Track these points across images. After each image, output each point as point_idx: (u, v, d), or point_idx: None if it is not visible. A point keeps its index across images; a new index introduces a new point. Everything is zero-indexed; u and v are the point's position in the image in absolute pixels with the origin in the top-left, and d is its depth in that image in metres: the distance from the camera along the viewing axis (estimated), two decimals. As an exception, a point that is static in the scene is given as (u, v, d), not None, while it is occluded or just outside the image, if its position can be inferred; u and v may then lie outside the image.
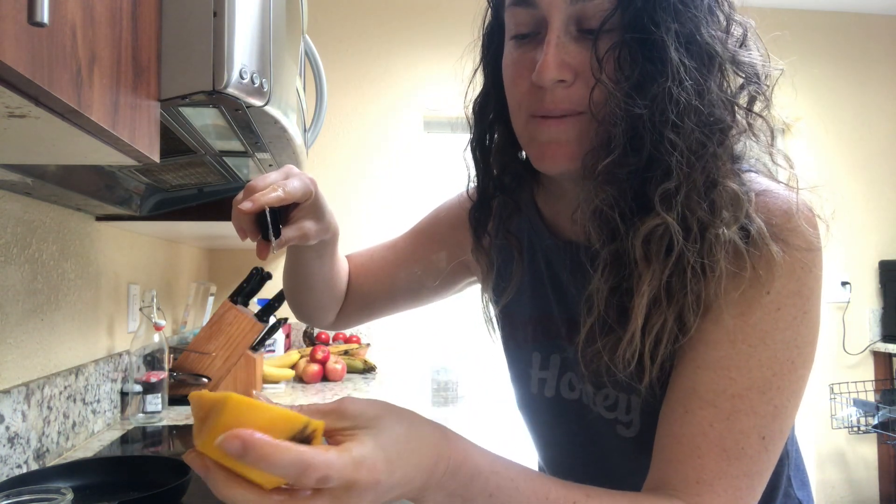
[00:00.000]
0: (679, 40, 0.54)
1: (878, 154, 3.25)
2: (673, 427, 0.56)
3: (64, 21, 0.46)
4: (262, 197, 0.62)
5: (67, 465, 1.03)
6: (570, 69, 0.56)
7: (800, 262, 0.55)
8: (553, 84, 0.56)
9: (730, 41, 0.57)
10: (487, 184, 0.73)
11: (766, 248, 0.54)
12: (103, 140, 0.57)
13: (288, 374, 2.08)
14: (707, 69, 0.55)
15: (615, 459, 0.68)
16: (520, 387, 0.77)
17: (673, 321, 0.55)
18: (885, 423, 2.83)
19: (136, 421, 1.50)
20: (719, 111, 0.55)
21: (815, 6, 3.19)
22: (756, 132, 0.58)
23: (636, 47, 0.54)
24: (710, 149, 0.54)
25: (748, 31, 0.59)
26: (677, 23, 0.54)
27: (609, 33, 0.55)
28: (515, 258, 0.74)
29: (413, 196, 2.90)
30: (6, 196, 1.07)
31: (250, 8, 0.69)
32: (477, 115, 0.72)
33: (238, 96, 0.67)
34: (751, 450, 0.54)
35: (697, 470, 0.54)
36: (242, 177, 1.19)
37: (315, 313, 0.88)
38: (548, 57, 0.56)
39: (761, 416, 0.54)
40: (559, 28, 0.56)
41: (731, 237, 0.53)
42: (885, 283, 3.17)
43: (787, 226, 0.55)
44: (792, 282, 0.54)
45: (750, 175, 0.58)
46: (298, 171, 0.69)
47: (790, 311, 0.55)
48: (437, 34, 2.92)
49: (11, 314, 1.08)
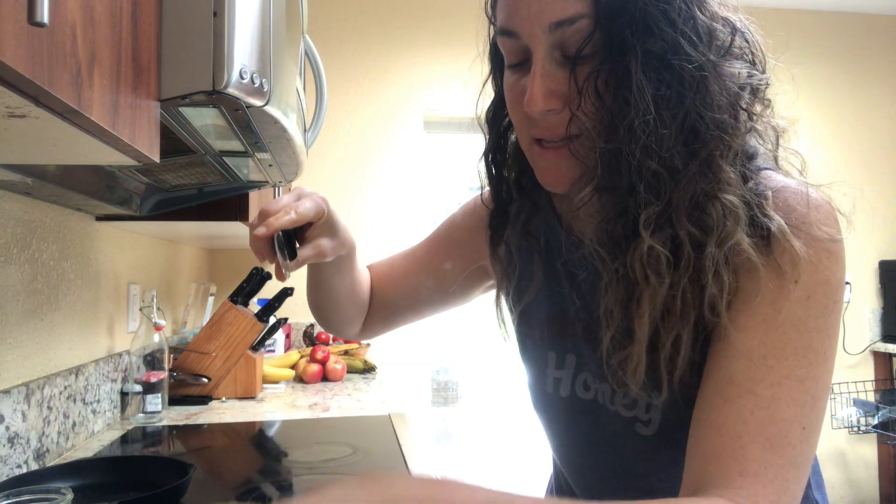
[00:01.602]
0: (650, 62, 0.53)
1: (878, 154, 3.25)
2: (711, 417, 0.54)
3: (64, 21, 0.46)
4: (276, 221, 0.66)
5: (67, 465, 1.03)
6: (558, 97, 0.57)
7: (825, 251, 0.54)
8: (542, 114, 0.57)
9: (713, 51, 0.55)
10: (504, 189, 0.74)
11: (788, 244, 0.54)
12: (103, 140, 0.57)
13: (288, 374, 2.08)
14: (688, 86, 0.53)
15: (633, 458, 0.68)
16: (535, 386, 0.77)
17: (689, 332, 0.55)
18: (885, 423, 2.83)
19: (136, 421, 1.50)
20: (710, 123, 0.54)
21: (815, 6, 3.19)
22: (761, 135, 0.58)
23: (610, 74, 0.54)
24: (692, 168, 0.54)
25: (736, 33, 0.57)
26: (651, 41, 0.53)
27: (589, 58, 0.55)
28: (535, 259, 0.74)
29: (413, 196, 2.90)
30: (6, 196, 1.07)
31: (250, 8, 0.69)
32: (490, 123, 0.73)
33: (238, 96, 0.67)
34: (794, 439, 0.52)
35: (740, 461, 0.51)
36: (242, 177, 1.19)
37: (341, 325, 0.90)
38: (533, 90, 0.56)
39: (801, 405, 0.53)
40: (543, 58, 0.56)
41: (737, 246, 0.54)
42: (885, 283, 3.17)
43: (807, 219, 0.55)
44: (819, 271, 0.54)
45: (766, 172, 0.59)
46: (309, 191, 0.72)
47: (821, 300, 0.54)
48: (437, 34, 2.92)
49: (11, 314, 1.08)
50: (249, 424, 1.54)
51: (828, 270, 0.55)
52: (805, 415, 0.53)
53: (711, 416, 0.54)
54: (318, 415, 1.62)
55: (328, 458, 1.22)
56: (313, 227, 0.73)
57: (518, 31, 0.57)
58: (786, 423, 0.52)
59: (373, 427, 1.48)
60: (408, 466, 1.16)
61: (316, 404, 1.75)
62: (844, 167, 3.21)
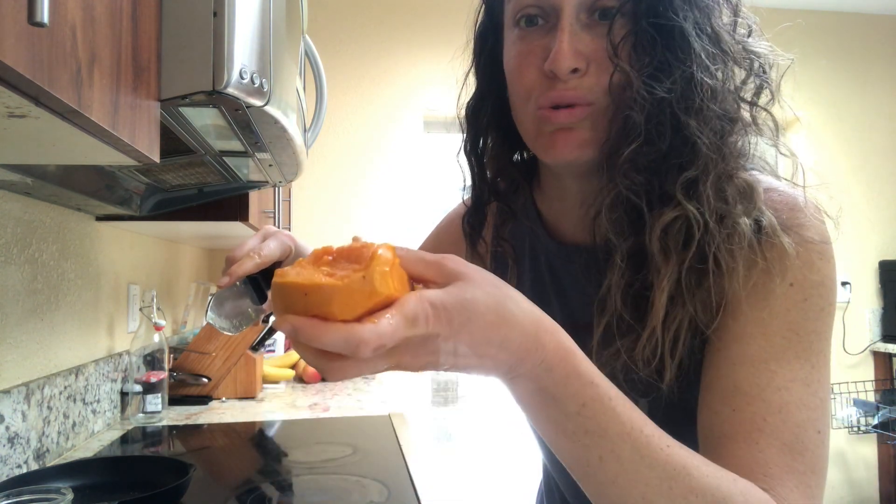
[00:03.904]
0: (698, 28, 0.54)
1: (878, 154, 3.25)
2: (724, 428, 0.53)
3: (64, 21, 0.46)
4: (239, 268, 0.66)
5: (67, 465, 1.03)
6: (584, 57, 0.56)
7: (817, 253, 0.54)
8: (567, 73, 0.56)
9: (737, 34, 0.57)
10: (482, 189, 0.72)
11: (777, 240, 0.54)
12: (103, 140, 0.57)
13: (288, 374, 2.08)
14: (721, 60, 0.55)
15: None
16: None
17: (690, 318, 0.55)
18: (885, 423, 2.83)
19: (136, 421, 1.50)
20: (730, 103, 0.55)
21: (815, 6, 3.19)
22: (761, 126, 0.58)
23: (654, 34, 0.54)
24: (728, 138, 0.54)
25: (753, 26, 0.59)
26: (694, 11, 0.55)
27: (622, 19, 0.55)
28: (510, 266, 0.73)
29: (413, 196, 2.90)
30: (6, 196, 1.07)
31: (250, 8, 0.69)
32: (470, 118, 0.71)
33: (238, 96, 0.67)
34: (811, 444, 0.51)
35: (762, 465, 0.50)
36: (242, 177, 1.19)
37: None
38: (563, 44, 0.55)
39: (811, 408, 0.52)
40: (571, 15, 0.56)
41: (747, 229, 0.53)
42: (885, 283, 3.17)
43: (796, 221, 0.55)
44: (813, 273, 0.54)
45: (753, 174, 0.58)
46: (275, 229, 0.72)
47: (817, 302, 0.54)
48: (437, 34, 2.92)
49: (11, 314, 1.08)
50: (249, 424, 1.54)
51: (821, 272, 0.54)
52: (817, 418, 0.52)
53: (724, 427, 0.53)
54: (318, 415, 1.62)
55: (328, 458, 1.22)
56: (283, 265, 0.72)
57: None
58: (800, 428, 0.51)
59: (373, 427, 1.48)
60: (408, 466, 1.16)
61: (316, 404, 1.75)
62: (844, 167, 3.21)
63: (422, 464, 1.18)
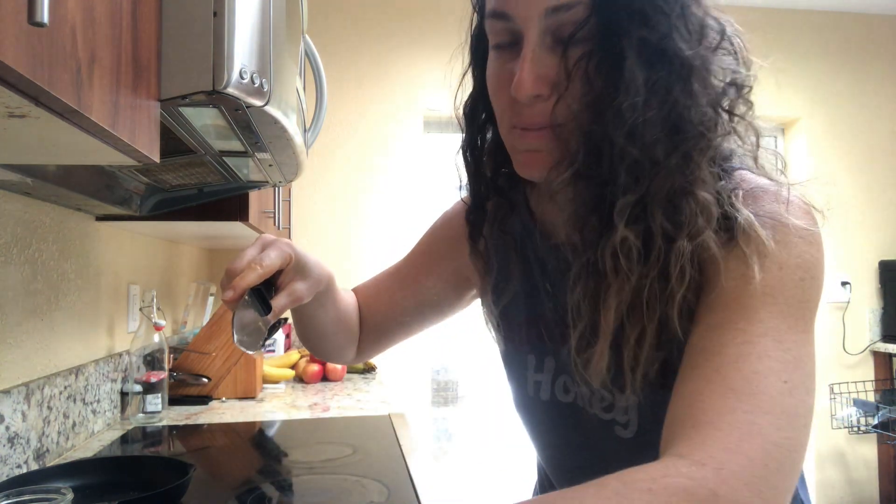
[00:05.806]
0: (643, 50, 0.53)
1: (878, 154, 3.25)
2: (678, 387, 0.51)
3: (64, 21, 0.46)
4: (242, 281, 0.65)
5: (67, 465, 1.04)
6: (547, 82, 0.56)
7: (797, 236, 0.54)
8: (529, 99, 0.56)
9: (703, 47, 0.55)
10: (481, 186, 0.73)
11: (754, 233, 0.53)
12: (103, 140, 0.57)
13: (288, 374, 2.09)
14: (677, 77, 0.53)
15: (614, 460, 0.67)
16: (516, 389, 0.77)
17: (653, 329, 0.55)
18: (885, 423, 2.84)
19: (136, 421, 1.51)
20: (694, 117, 0.54)
21: (815, 6, 3.19)
22: (741, 135, 0.58)
23: (602, 58, 0.54)
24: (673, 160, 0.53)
25: (725, 32, 0.57)
26: (646, 29, 0.53)
27: (581, 44, 0.55)
28: (512, 258, 0.73)
29: (413, 195, 2.90)
30: (6, 196, 1.07)
31: (250, 8, 0.69)
32: (468, 117, 0.72)
33: (238, 96, 0.67)
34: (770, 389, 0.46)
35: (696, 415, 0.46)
36: (242, 177, 1.19)
37: (334, 354, 0.89)
38: (523, 73, 0.55)
39: (779, 361, 0.48)
40: (534, 41, 0.56)
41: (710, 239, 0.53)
42: (885, 283, 3.17)
43: (779, 215, 0.55)
44: (790, 248, 0.53)
45: (740, 172, 0.58)
46: (273, 237, 0.71)
47: (795, 273, 0.53)
48: (437, 34, 2.92)
49: (11, 314, 1.08)
50: (249, 424, 1.54)
51: (799, 248, 0.53)
52: (785, 370, 0.48)
53: (679, 387, 0.51)
54: (318, 415, 1.62)
55: (328, 458, 1.22)
56: (284, 274, 0.72)
57: (512, 13, 0.56)
58: (757, 374, 0.47)
59: (373, 427, 1.48)
60: (408, 466, 1.16)
61: (316, 404, 1.75)
62: (844, 167, 3.21)
63: (422, 464, 1.18)
